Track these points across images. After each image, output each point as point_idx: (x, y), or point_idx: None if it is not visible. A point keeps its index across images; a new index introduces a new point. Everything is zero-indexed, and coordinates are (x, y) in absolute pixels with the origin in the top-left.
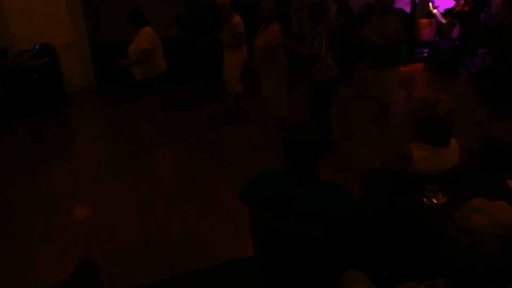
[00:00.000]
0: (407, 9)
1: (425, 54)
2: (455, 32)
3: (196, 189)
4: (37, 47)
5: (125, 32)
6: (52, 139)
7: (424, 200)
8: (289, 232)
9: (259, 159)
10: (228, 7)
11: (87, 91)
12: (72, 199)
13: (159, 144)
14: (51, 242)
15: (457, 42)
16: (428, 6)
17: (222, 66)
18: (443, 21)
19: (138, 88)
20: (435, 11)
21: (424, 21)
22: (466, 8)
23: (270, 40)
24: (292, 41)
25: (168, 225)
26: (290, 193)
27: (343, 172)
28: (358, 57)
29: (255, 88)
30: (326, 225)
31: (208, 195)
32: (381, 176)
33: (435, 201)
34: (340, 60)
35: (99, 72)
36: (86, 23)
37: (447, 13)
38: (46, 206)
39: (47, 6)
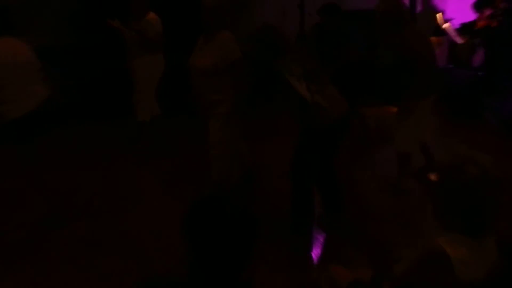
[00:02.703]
0: None
1: None
2: (477, 59)
3: None
4: None
5: None
6: None
7: None
8: None
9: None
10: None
11: None
12: None
13: None
14: None
15: (479, 73)
16: (436, 18)
17: None
18: (459, 41)
19: None
20: (446, 25)
21: (432, 39)
22: (493, 24)
23: (226, 60)
24: None
25: None
26: None
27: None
28: None
29: None
30: None
31: None
32: None
33: None
34: None
35: None
36: None
37: (466, 30)
38: None
39: None
